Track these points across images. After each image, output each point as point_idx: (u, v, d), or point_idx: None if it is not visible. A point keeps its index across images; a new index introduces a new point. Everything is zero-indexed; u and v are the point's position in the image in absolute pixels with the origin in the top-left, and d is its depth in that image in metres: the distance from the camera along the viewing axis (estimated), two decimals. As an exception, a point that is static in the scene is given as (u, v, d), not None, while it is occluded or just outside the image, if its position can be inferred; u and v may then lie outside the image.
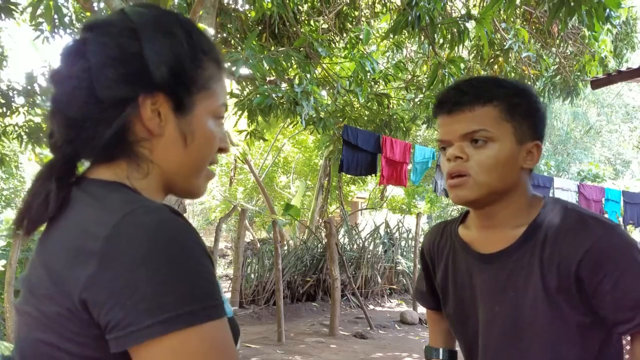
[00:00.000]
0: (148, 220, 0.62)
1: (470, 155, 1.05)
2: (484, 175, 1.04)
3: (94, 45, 0.69)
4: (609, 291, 0.99)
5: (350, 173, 6.60)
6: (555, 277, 1.03)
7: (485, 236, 1.14)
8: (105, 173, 0.71)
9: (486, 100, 1.05)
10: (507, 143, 1.05)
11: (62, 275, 0.63)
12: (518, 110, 1.06)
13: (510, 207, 1.09)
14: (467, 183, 1.05)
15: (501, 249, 1.10)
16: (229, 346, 0.63)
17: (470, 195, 1.06)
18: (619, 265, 0.99)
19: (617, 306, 0.99)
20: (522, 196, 1.10)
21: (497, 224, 1.11)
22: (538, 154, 1.09)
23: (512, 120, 1.06)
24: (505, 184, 1.06)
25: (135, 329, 0.58)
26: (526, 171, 1.10)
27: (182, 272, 0.60)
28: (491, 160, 1.04)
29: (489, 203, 1.09)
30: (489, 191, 1.05)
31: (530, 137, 1.08)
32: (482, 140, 1.04)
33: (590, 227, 1.02)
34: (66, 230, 0.66)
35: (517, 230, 1.09)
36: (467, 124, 1.05)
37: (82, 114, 0.69)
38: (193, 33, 0.75)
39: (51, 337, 0.64)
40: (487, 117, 1.05)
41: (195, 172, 0.77)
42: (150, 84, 0.70)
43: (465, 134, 1.06)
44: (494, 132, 1.04)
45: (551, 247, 1.04)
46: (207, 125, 0.76)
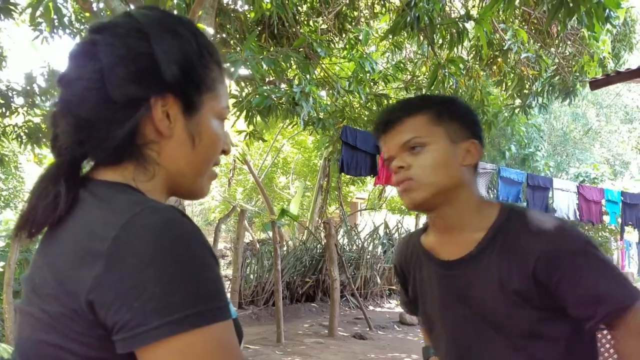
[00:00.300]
0: (155, 221, 0.62)
1: (411, 162, 1.13)
2: (427, 176, 1.12)
3: (105, 47, 0.70)
4: (569, 289, 1.04)
5: (350, 174, 6.60)
6: (515, 280, 1.08)
7: (445, 241, 1.20)
8: (111, 175, 0.71)
9: (414, 112, 1.16)
10: (441, 144, 1.13)
11: (68, 275, 0.63)
12: (445, 114, 1.15)
13: (459, 207, 1.15)
14: (413, 186, 1.13)
15: (462, 256, 1.16)
16: (235, 347, 0.63)
17: (419, 196, 1.13)
18: (576, 264, 1.05)
19: (579, 303, 1.05)
20: (469, 195, 1.16)
21: (452, 226, 1.18)
22: (476, 151, 1.16)
23: (441, 123, 1.14)
24: (449, 182, 1.13)
25: (143, 330, 0.58)
26: (469, 169, 1.16)
27: (189, 273, 0.60)
28: (430, 161, 1.12)
29: (439, 204, 1.15)
30: (435, 190, 1.12)
31: (464, 136, 1.15)
32: (419, 147, 1.13)
33: (544, 231, 1.08)
34: (73, 231, 0.66)
35: (476, 235, 1.15)
36: (401, 135, 1.15)
37: (94, 115, 0.69)
38: (198, 34, 0.76)
39: (55, 337, 0.63)
40: (417, 125, 1.14)
41: (200, 173, 0.77)
42: (161, 84, 0.71)
43: (401, 145, 1.14)
44: (426, 137, 1.13)
45: (509, 251, 1.10)
46: (212, 126, 0.77)
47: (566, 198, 8.35)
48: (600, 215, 8.81)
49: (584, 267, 1.04)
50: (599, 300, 1.03)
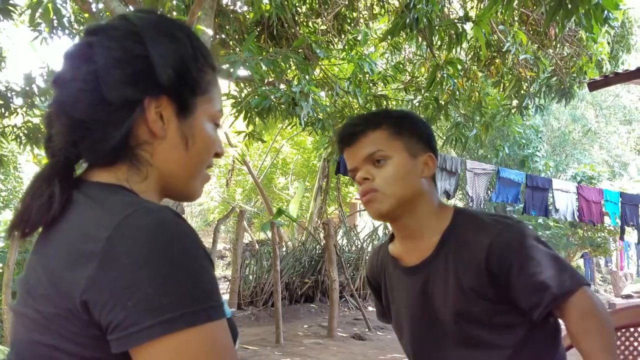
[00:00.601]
0: (149, 221, 0.62)
1: (375, 174, 1.20)
2: (390, 188, 1.19)
3: (100, 49, 0.70)
4: (516, 280, 1.11)
5: (346, 174, 6.60)
6: (470, 276, 1.15)
7: (408, 247, 1.27)
8: (105, 176, 0.72)
9: (376, 126, 1.23)
10: (402, 157, 1.21)
11: (62, 276, 0.63)
12: (404, 129, 1.23)
13: (418, 215, 1.23)
14: (377, 197, 1.20)
15: (421, 260, 1.23)
16: (229, 347, 0.64)
17: (383, 206, 1.20)
18: (520, 255, 1.12)
19: (526, 292, 1.11)
20: (429, 203, 1.24)
21: (412, 233, 1.25)
22: (433, 163, 1.25)
23: (401, 138, 1.22)
24: (409, 193, 1.20)
25: (137, 329, 0.58)
26: (428, 180, 1.24)
27: (183, 273, 0.61)
28: (392, 173, 1.19)
29: (401, 214, 1.22)
30: (397, 201, 1.19)
31: (422, 150, 1.24)
32: (382, 160, 1.20)
33: (488, 226, 1.16)
34: (66, 232, 0.67)
35: (433, 239, 1.22)
36: (365, 148, 1.22)
37: (88, 116, 0.70)
38: (192, 37, 0.77)
39: (49, 338, 0.64)
40: (379, 139, 1.22)
41: (193, 175, 0.78)
42: (156, 86, 0.71)
43: (366, 158, 1.21)
44: (387, 151, 1.21)
45: (461, 251, 1.17)
46: (206, 129, 0.78)
47: (566, 199, 8.35)
48: (600, 215, 8.82)
49: (529, 256, 1.11)
50: (545, 287, 1.09)
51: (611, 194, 9.02)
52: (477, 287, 1.14)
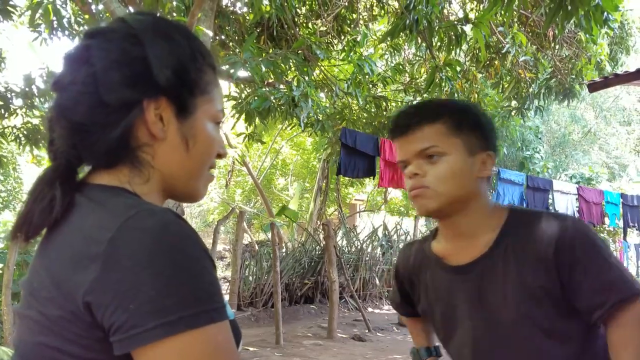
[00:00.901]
0: (151, 223, 0.63)
1: (427, 170, 1.13)
2: (442, 186, 1.12)
3: (98, 51, 0.71)
4: (582, 278, 1.06)
5: (347, 175, 6.60)
6: (536, 274, 1.09)
7: (456, 246, 1.20)
8: (107, 178, 0.72)
9: (434, 119, 1.14)
10: (459, 155, 1.13)
11: (65, 278, 0.63)
12: (464, 124, 1.15)
13: (472, 215, 1.16)
14: (428, 194, 1.13)
15: (474, 259, 1.16)
16: (232, 348, 0.64)
17: (432, 204, 1.13)
18: (588, 252, 1.07)
19: (591, 290, 1.06)
20: (482, 204, 1.17)
21: (463, 233, 1.18)
22: (491, 163, 1.17)
23: (460, 134, 1.14)
24: (463, 193, 1.14)
25: (139, 331, 0.58)
26: (483, 180, 1.17)
27: (185, 275, 0.61)
28: (446, 172, 1.12)
29: (452, 213, 1.16)
30: (448, 200, 1.13)
31: (481, 148, 1.16)
32: (436, 156, 1.13)
33: (554, 222, 1.11)
34: (69, 234, 0.67)
35: (486, 238, 1.16)
36: (419, 142, 1.14)
37: (88, 119, 0.70)
38: (192, 38, 0.77)
39: (54, 340, 0.64)
40: (436, 133, 1.13)
41: (196, 176, 0.78)
42: (154, 88, 0.71)
43: (419, 152, 1.14)
44: (444, 147, 1.13)
45: (524, 247, 1.11)
46: (207, 129, 0.77)
47: (566, 200, 8.36)
48: (601, 216, 8.83)
49: (597, 254, 1.07)
50: (612, 287, 1.05)
51: (612, 195, 9.03)
52: (545, 283, 1.08)
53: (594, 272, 1.06)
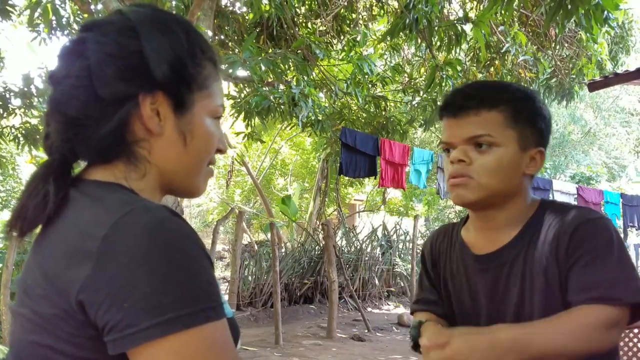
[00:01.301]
0: (146, 220, 0.61)
1: (474, 159, 1.07)
2: (487, 179, 1.06)
3: (93, 44, 0.69)
4: (579, 270, 1.00)
5: (349, 175, 6.60)
6: (552, 264, 1.04)
7: (483, 237, 1.15)
8: (102, 174, 0.71)
9: (492, 106, 1.07)
10: (511, 149, 1.06)
11: (59, 276, 0.62)
12: (522, 116, 1.08)
13: (509, 211, 1.11)
14: (470, 184, 1.07)
15: (496, 249, 1.12)
16: (229, 347, 0.63)
17: (471, 196, 1.07)
18: (598, 247, 1.01)
19: (580, 285, 1.00)
20: (522, 201, 1.11)
21: (495, 227, 1.13)
22: (541, 160, 1.11)
23: (517, 126, 1.07)
24: (506, 189, 1.08)
25: (133, 330, 0.57)
26: (528, 177, 1.11)
27: (181, 273, 0.59)
28: (494, 164, 1.05)
29: (489, 206, 1.10)
30: (489, 194, 1.07)
31: (534, 143, 1.09)
32: (486, 145, 1.06)
33: (581, 211, 1.06)
34: (63, 231, 0.66)
35: (513, 230, 1.11)
36: (472, 128, 1.06)
37: (82, 113, 0.69)
38: (191, 32, 0.75)
39: (46, 338, 0.63)
40: (492, 122, 1.06)
41: (194, 171, 0.76)
42: (150, 82, 0.70)
43: (469, 138, 1.07)
44: (498, 138, 1.06)
45: (544, 241, 1.06)
46: (205, 124, 0.76)
47: (565, 200, 8.37)
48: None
49: (606, 252, 1.00)
50: (602, 284, 0.98)
51: (612, 195, 9.04)
52: (559, 276, 1.03)
53: (593, 269, 0.99)
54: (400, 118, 8.18)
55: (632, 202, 9.10)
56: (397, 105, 8.83)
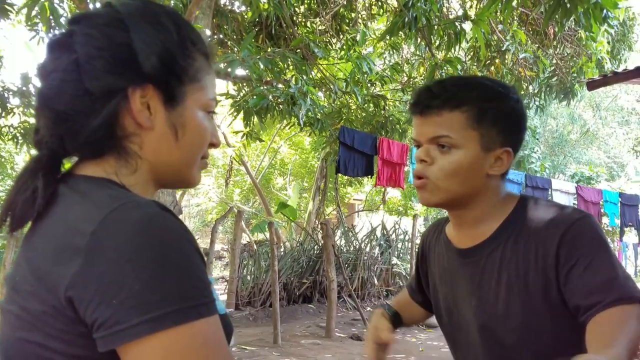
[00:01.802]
0: (136, 216, 0.60)
1: (435, 159, 1.06)
2: (443, 181, 1.06)
3: (81, 37, 0.68)
4: (580, 274, 0.98)
5: (346, 174, 6.60)
6: (533, 267, 1.03)
7: (462, 233, 1.16)
8: (93, 169, 0.70)
9: (454, 106, 1.05)
10: (471, 151, 1.05)
11: (47, 272, 0.61)
12: (487, 116, 1.06)
13: (477, 209, 1.10)
14: (428, 187, 1.07)
15: (475, 244, 1.12)
16: (221, 344, 0.62)
17: (431, 198, 1.08)
18: (593, 248, 1.00)
19: (587, 288, 0.98)
20: (490, 199, 1.10)
21: (468, 223, 1.13)
22: (508, 160, 1.08)
23: (479, 127, 1.05)
24: (466, 190, 1.07)
25: (122, 327, 0.56)
26: (494, 177, 1.09)
27: (171, 269, 0.58)
28: (452, 166, 1.05)
29: (454, 206, 1.11)
30: (448, 196, 1.07)
31: (500, 143, 1.07)
32: (447, 146, 1.05)
33: (565, 213, 1.04)
34: (52, 227, 0.65)
35: (492, 225, 1.10)
36: (434, 128, 1.06)
37: (71, 107, 0.67)
38: (181, 24, 0.74)
39: (36, 335, 0.62)
40: (452, 123, 1.05)
41: (187, 165, 0.75)
42: (140, 75, 0.69)
43: (431, 138, 1.07)
44: (457, 139, 1.05)
45: (527, 237, 1.05)
46: (197, 118, 0.75)
47: (565, 199, 8.37)
48: (599, 216, 8.84)
49: (598, 253, 0.99)
50: (611, 287, 0.96)
51: (610, 195, 9.04)
52: (544, 278, 1.02)
53: (594, 271, 0.98)
54: (400, 117, 8.18)
55: (630, 201, 9.11)
56: (396, 105, 8.83)
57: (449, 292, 1.19)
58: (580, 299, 0.98)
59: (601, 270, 0.98)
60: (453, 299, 1.18)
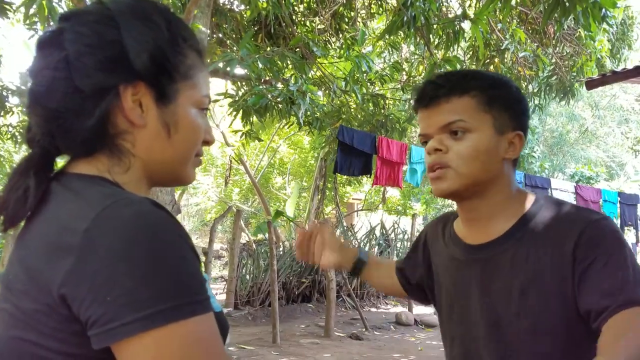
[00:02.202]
0: (128, 213, 0.60)
1: (450, 147, 1.04)
2: (465, 166, 1.03)
3: (71, 34, 0.68)
4: (594, 274, 0.97)
5: (343, 173, 6.58)
6: (549, 267, 1.01)
7: (473, 230, 1.13)
8: (85, 167, 0.70)
9: (463, 91, 1.05)
10: (486, 133, 1.04)
11: (40, 270, 0.61)
12: (497, 100, 1.06)
13: (493, 200, 1.08)
14: (448, 174, 1.04)
15: (489, 241, 1.09)
16: (216, 342, 0.61)
17: (452, 186, 1.05)
18: (609, 249, 0.98)
19: (599, 291, 0.96)
20: (505, 188, 1.09)
21: (481, 217, 1.10)
22: (520, 144, 1.08)
23: (491, 110, 1.05)
24: (486, 175, 1.05)
25: (116, 325, 0.56)
26: (509, 162, 1.09)
27: (164, 266, 0.58)
28: (471, 150, 1.03)
29: (471, 195, 1.08)
30: (470, 182, 1.04)
31: (512, 127, 1.07)
32: (460, 132, 1.04)
33: (582, 212, 1.03)
34: (44, 225, 0.64)
35: (506, 223, 1.08)
36: (444, 115, 1.05)
37: (62, 105, 0.67)
38: (172, 20, 0.73)
39: (29, 334, 0.62)
40: (464, 107, 1.04)
41: (180, 163, 0.75)
42: (131, 73, 0.68)
43: (443, 126, 1.05)
44: (471, 123, 1.03)
45: (543, 238, 1.03)
46: (190, 115, 0.74)
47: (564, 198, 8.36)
48: (590, 209, 8.84)
49: (615, 254, 0.97)
50: (623, 289, 0.94)
51: (609, 194, 9.04)
52: (560, 280, 0.99)
53: (608, 272, 0.95)
54: (399, 116, 8.17)
55: (629, 200, 9.10)
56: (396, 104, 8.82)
57: (451, 286, 1.17)
58: (592, 303, 0.96)
59: (616, 273, 0.96)
60: (455, 294, 1.15)
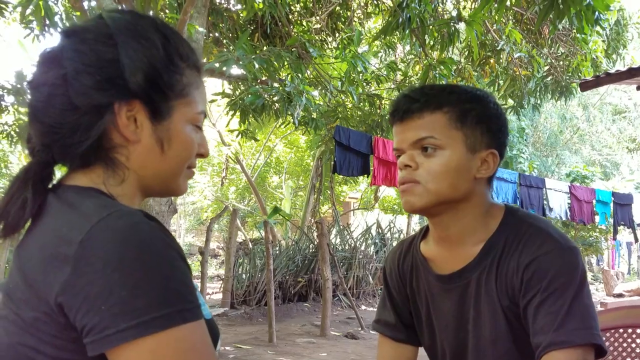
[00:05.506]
0: (121, 225, 0.63)
1: (420, 163, 1.03)
2: (433, 183, 1.02)
3: (71, 53, 0.70)
4: (534, 309, 0.96)
5: (342, 174, 6.60)
6: (507, 294, 1.01)
7: (444, 252, 1.11)
8: (81, 179, 0.72)
9: (435, 107, 1.04)
10: (458, 151, 1.03)
11: (37, 280, 0.64)
12: (470, 116, 1.04)
13: (465, 219, 1.06)
14: (416, 190, 1.03)
15: (459, 269, 1.08)
16: (207, 348, 0.64)
17: (419, 202, 1.03)
18: (552, 286, 0.96)
19: (536, 327, 0.96)
20: (475, 209, 1.07)
21: (453, 237, 1.08)
22: (494, 163, 1.06)
23: (463, 127, 1.03)
24: (456, 193, 1.03)
25: (110, 332, 0.59)
26: (481, 181, 1.07)
27: (156, 275, 0.61)
28: (440, 168, 1.02)
29: (441, 212, 1.06)
30: (438, 199, 1.03)
31: (485, 145, 1.05)
32: (431, 148, 1.03)
33: (540, 241, 1.00)
34: (41, 236, 0.67)
35: (476, 247, 1.06)
36: (416, 131, 1.04)
37: (59, 121, 0.70)
38: (170, 38, 0.75)
39: (30, 340, 0.65)
40: (435, 124, 1.03)
41: (172, 176, 0.77)
42: (126, 91, 0.70)
43: (414, 142, 1.04)
44: (442, 140, 1.02)
45: (507, 261, 1.02)
46: (184, 132, 0.76)
47: (558, 198, 8.40)
48: (591, 215, 8.87)
49: (557, 291, 0.96)
50: (557, 328, 0.93)
51: (603, 194, 9.08)
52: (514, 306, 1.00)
53: (546, 309, 0.94)
54: (395, 116, 8.19)
55: (624, 200, 9.15)
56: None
57: (433, 317, 1.14)
58: (534, 338, 0.96)
59: (552, 310, 0.94)
60: (436, 321, 1.14)
